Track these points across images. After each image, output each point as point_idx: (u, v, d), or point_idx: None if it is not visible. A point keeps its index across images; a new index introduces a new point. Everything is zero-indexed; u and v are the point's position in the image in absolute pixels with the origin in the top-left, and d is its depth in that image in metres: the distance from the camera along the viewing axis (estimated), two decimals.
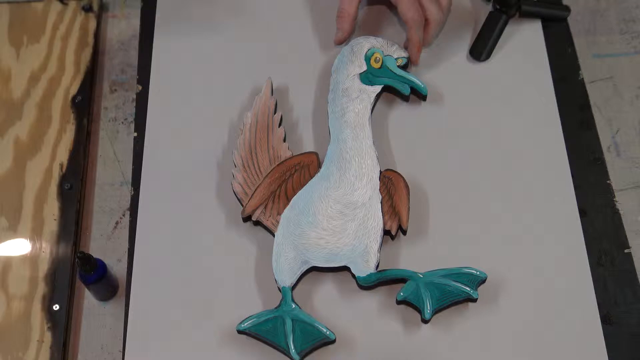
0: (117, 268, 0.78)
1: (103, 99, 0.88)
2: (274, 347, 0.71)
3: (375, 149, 0.76)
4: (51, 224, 0.80)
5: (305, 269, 0.74)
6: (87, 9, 0.91)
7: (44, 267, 0.77)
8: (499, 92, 0.84)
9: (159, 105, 0.84)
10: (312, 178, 0.77)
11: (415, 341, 0.72)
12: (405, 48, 0.83)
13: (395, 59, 0.80)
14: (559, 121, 0.82)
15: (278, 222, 0.75)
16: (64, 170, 0.82)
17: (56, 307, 0.75)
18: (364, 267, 0.73)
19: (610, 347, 0.71)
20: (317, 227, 0.73)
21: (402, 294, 0.72)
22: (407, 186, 0.76)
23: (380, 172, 0.76)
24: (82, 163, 0.83)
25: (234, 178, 0.78)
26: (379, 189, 0.75)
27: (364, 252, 0.73)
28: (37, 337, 0.74)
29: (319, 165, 0.78)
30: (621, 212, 0.78)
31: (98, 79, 0.89)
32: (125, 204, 0.81)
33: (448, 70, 0.85)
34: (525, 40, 0.87)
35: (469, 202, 0.78)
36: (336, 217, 0.74)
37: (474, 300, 0.72)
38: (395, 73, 0.79)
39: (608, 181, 0.80)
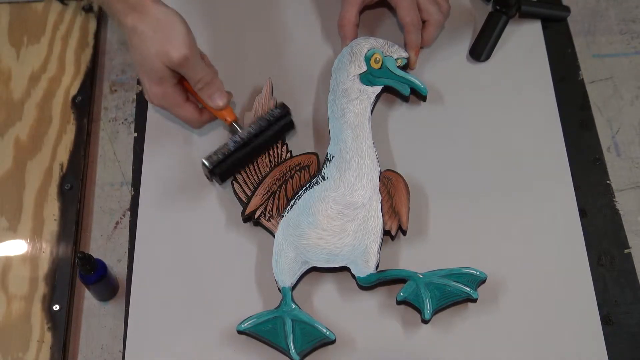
0: (117, 268, 0.78)
1: (103, 99, 0.88)
2: (274, 348, 0.71)
3: (375, 149, 0.77)
4: (51, 224, 0.80)
5: (305, 270, 0.74)
6: (88, 9, 0.91)
7: (44, 267, 0.77)
8: (499, 92, 0.84)
9: None
10: (312, 178, 0.77)
11: (415, 341, 0.72)
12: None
13: (395, 59, 0.80)
14: (559, 121, 0.82)
15: (278, 223, 0.75)
16: (64, 170, 0.82)
17: (56, 307, 0.75)
18: (364, 268, 0.73)
19: (610, 347, 0.71)
20: (317, 228, 0.73)
21: (402, 294, 0.72)
22: (407, 186, 0.76)
23: (380, 172, 0.76)
24: (82, 163, 0.83)
25: (234, 178, 0.78)
26: (379, 190, 0.75)
27: (364, 252, 0.73)
28: (37, 338, 0.74)
29: (319, 166, 0.78)
30: (621, 212, 0.78)
31: (98, 79, 0.89)
32: (125, 204, 0.82)
33: (448, 70, 0.85)
34: (525, 41, 0.87)
35: (468, 202, 0.78)
36: (336, 218, 0.74)
37: (474, 300, 0.72)
38: (395, 74, 0.79)
39: (608, 181, 0.80)
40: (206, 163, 0.75)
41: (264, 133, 0.77)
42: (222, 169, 0.76)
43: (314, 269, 0.74)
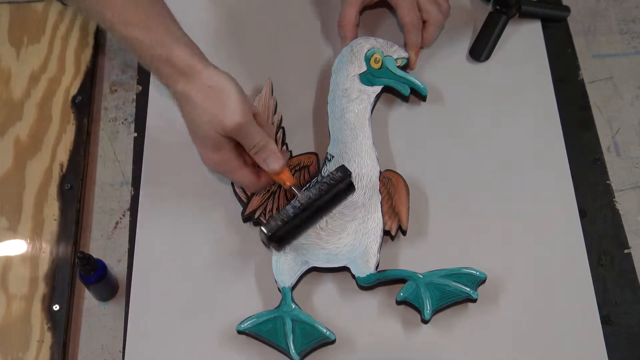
0: (117, 268, 0.78)
1: (103, 99, 0.88)
2: (274, 348, 0.71)
3: (375, 149, 0.77)
4: (51, 224, 0.80)
5: (305, 270, 0.74)
6: None
7: (44, 267, 0.77)
8: (499, 92, 0.84)
9: (159, 105, 0.84)
10: (312, 178, 0.77)
11: (415, 341, 0.72)
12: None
13: (395, 59, 0.80)
14: (559, 121, 0.82)
15: None
16: (64, 170, 0.82)
17: (56, 307, 0.75)
18: (364, 268, 0.73)
19: (610, 347, 0.71)
20: (317, 227, 0.73)
21: (402, 294, 0.72)
22: (407, 186, 0.76)
23: (380, 172, 0.76)
24: (82, 163, 0.83)
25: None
26: (379, 189, 0.75)
27: (363, 252, 0.73)
28: (37, 337, 0.74)
29: (319, 166, 0.78)
30: (621, 212, 0.78)
31: (98, 79, 0.89)
32: (125, 204, 0.82)
33: (448, 70, 0.85)
34: (525, 41, 0.87)
35: (469, 202, 0.78)
36: (336, 217, 0.74)
37: (474, 300, 0.72)
38: (395, 74, 0.79)
39: (608, 181, 0.80)
40: (264, 230, 0.71)
41: (323, 197, 0.72)
42: (280, 235, 0.71)
43: (313, 269, 0.74)
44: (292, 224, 0.71)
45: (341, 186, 0.73)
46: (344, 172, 0.73)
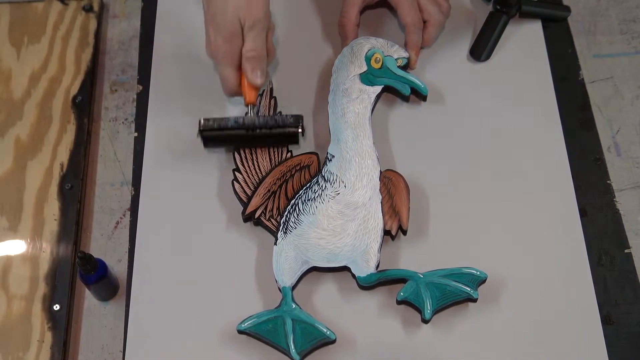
0: (117, 268, 0.78)
1: (103, 99, 0.88)
2: (274, 347, 0.71)
3: (375, 149, 0.77)
4: (51, 224, 0.80)
5: (305, 269, 0.74)
6: (88, 9, 0.92)
7: (44, 267, 0.77)
8: (499, 92, 0.84)
9: (159, 105, 0.84)
10: (312, 178, 0.77)
11: (415, 341, 0.72)
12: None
13: (396, 59, 0.80)
14: (559, 121, 0.82)
15: (278, 222, 0.75)
16: (64, 170, 0.82)
17: (56, 307, 0.75)
18: (364, 267, 0.73)
19: (610, 347, 0.71)
20: (318, 227, 0.73)
21: (402, 294, 0.72)
22: (407, 186, 0.76)
23: (381, 172, 0.76)
24: (82, 163, 0.83)
25: (234, 178, 0.78)
26: (379, 189, 0.75)
27: (364, 252, 0.73)
28: (38, 337, 0.74)
29: (319, 166, 0.78)
30: (621, 212, 0.78)
31: (98, 79, 0.89)
32: (126, 204, 0.82)
33: (448, 70, 0.85)
34: (525, 41, 0.87)
35: (469, 202, 0.78)
36: (336, 217, 0.74)
37: (474, 300, 0.72)
38: (395, 73, 0.79)
39: (608, 181, 0.80)
40: (201, 122, 0.76)
41: (266, 130, 0.76)
42: (208, 135, 0.76)
43: (314, 269, 0.74)
44: (224, 133, 0.76)
45: (285, 131, 0.76)
46: (295, 123, 0.76)
